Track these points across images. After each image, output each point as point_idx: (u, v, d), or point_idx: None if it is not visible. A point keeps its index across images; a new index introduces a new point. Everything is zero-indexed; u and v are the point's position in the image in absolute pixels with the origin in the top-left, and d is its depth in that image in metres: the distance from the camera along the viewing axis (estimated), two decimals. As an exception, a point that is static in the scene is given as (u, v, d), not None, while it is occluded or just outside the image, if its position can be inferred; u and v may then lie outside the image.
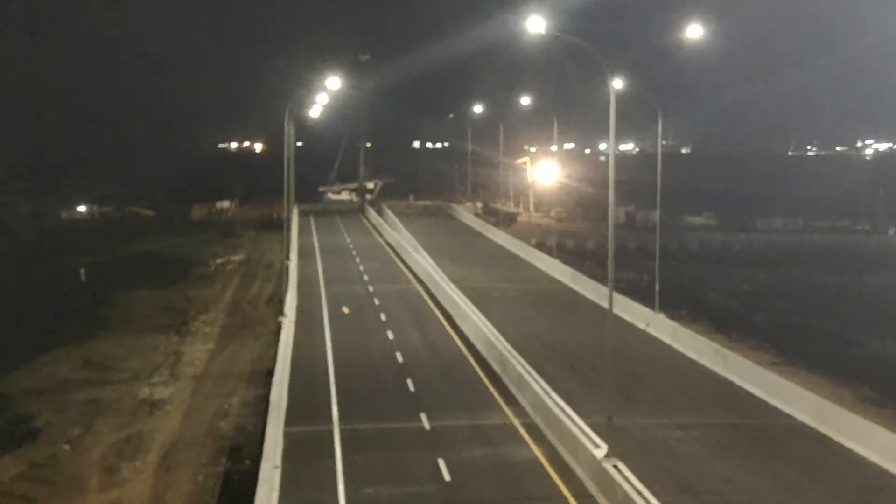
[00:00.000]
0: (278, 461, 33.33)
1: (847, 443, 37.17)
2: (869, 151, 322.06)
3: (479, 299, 66.22)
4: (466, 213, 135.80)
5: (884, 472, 34.13)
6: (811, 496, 32.20)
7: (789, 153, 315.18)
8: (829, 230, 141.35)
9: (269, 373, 45.97)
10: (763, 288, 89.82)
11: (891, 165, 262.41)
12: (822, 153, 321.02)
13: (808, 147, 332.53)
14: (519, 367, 45.93)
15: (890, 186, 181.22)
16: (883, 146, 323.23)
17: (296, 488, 31.73)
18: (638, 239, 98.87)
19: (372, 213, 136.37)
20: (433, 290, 72.74)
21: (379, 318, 63.78)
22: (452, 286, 70.34)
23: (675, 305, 63.77)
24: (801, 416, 40.81)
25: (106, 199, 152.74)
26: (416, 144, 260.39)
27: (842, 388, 46.75)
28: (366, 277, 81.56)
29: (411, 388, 45.63)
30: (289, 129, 79.70)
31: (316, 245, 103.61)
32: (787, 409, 42.11)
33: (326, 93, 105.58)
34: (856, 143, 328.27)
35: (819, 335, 66.54)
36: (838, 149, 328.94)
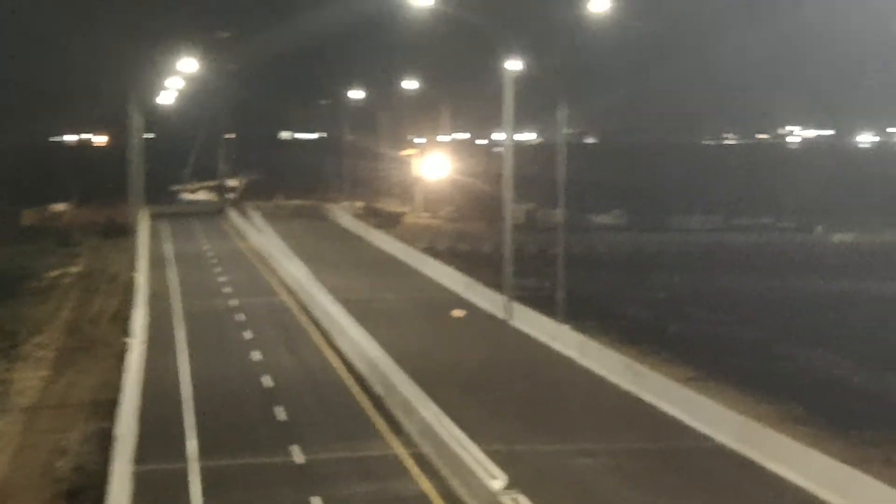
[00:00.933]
0: (125, 504, 32.61)
1: (773, 466, 37.41)
2: (794, 139, 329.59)
3: (361, 313, 65.45)
4: (345, 214, 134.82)
5: (815, 499, 34.57)
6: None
7: (704, 142, 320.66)
8: (751, 228, 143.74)
9: (115, 403, 44.75)
10: (679, 295, 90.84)
11: (818, 155, 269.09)
12: (742, 142, 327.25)
13: (725, 136, 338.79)
14: (406, 391, 45.43)
15: (818, 178, 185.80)
16: (810, 133, 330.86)
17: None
18: (539, 241, 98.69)
19: (234, 215, 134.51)
20: (307, 303, 72.03)
21: (242, 335, 63.06)
22: (329, 298, 69.55)
23: (583, 316, 63.81)
24: (722, 438, 41.12)
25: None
26: (286, 135, 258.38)
27: (767, 406, 47.56)
28: (228, 290, 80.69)
29: (281, 416, 45.01)
30: (135, 119, 78.64)
31: (169, 253, 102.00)
32: (706, 431, 42.38)
33: (180, 76, 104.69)
34: (778, 130, 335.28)
35: (742, 347, 67.68)
36: (759, 137, 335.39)
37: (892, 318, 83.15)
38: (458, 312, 60.71)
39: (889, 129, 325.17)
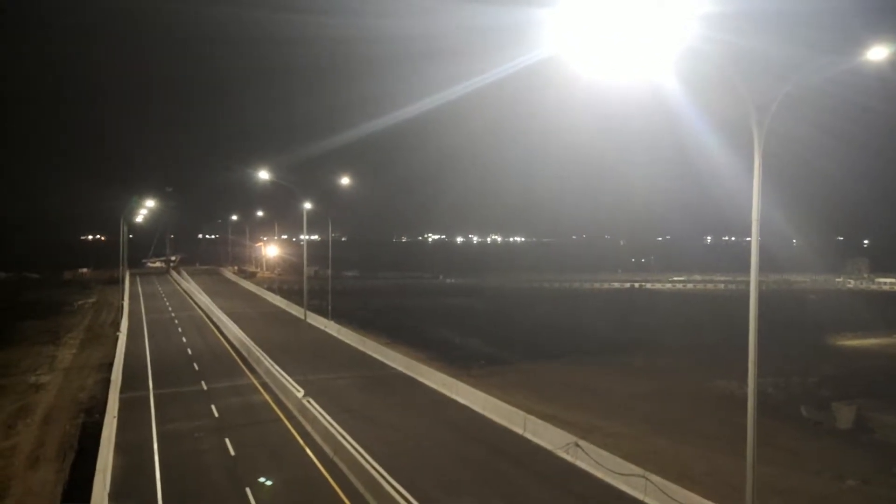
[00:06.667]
0: (115, 414, 30.45)
1: (421, 379, 38.96)
2: (430, 238, 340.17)
3: (235, 318, 62.85)
4: (229, 273, 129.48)
5: (438, 392, 35.96)
6: (405, 406, 33.29)
7: (393, 239, 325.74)
8: (414, 277, 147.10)
9: (111, 365, 41.91)
10: (384, 307, 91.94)
11: (442, 247, 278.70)
12: (409, 240, 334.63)
13: (403, 237, 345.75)
14: (257, 353, 44.39)
15: (443, 255, 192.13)
16: (438, 237, 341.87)
17: (126, 428, 29.18)
18: (320, 284, 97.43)
19: (174, 273, 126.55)
20: (209, 314, 68.60)
21: (178, 330, 59.28)
22: (220, 311, 66.61)
23: (339, 316, 63.50)
24: (400, 368, 42.28)
25: (3, 266, 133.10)
26: (200, 236, 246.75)
27: (420, 353, 48.94)
28: (170, 308, 75.56)
29: (196, 367, 42.85)
30: (124, 228, 74.95)
31: (140, 292, 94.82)
32: (393, 365, 43.43)
33: (146, 209, 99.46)
34: (424, 235, 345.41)
35: (410, 328, 69.23)
36: (419, 238, 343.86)
37: (473, 315, 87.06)
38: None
39: (469, 235, 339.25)
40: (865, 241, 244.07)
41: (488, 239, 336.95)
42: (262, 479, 23.17)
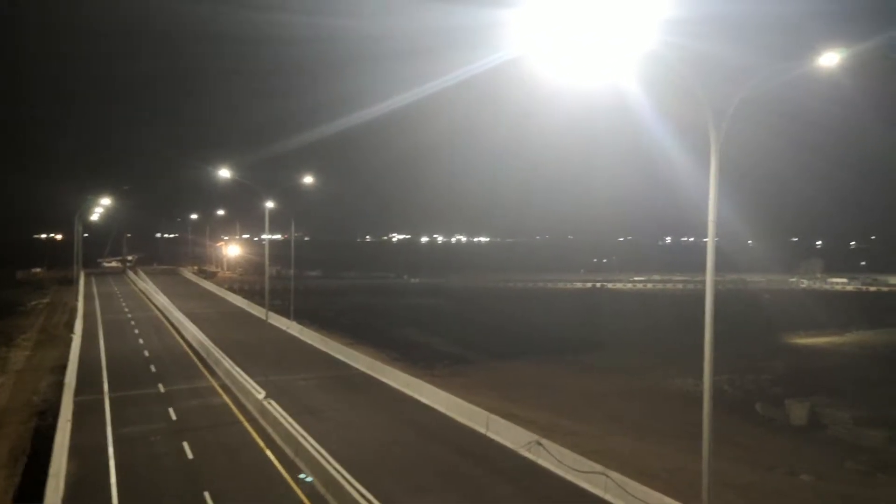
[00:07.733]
0: (69, 417, 29.59)
1: (384, 380, 38.83)
2: (395, 238, 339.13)
3: (194, 318, 61.74)
4: (188, 273, 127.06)
5: (401, 392, 35.84)
6: (367, 405, 33.25)
7: (357, 239, 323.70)
8: (379, 277, 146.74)
9: (65, 367, 40.71)
10: (347, 307, 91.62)
11: (407, 247, 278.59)
12: (373, 240, 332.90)
13: (367, 237, 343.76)
14: (216, 354, 43.63)
15: (407, 256, 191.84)
16: (403, 237, 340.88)
17: (80, 432, 28.41)
18: (283, 283, 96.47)
19: (131, 274, 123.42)
20: (167, 315, 67.14)
21: (134, 332, 57.87)
22: (179, 312, 65.32)
23: (302, 316, 63.09)
24: (363, 369, 42.07)
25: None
26: (158, 235, 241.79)
27: (382, 353, 49.02)
28: (126, 309, 73.77)
29: (153, 369, 41.94)
30: (78, 227, 72.91)
31: (95, 292, 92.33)
32: (356, 365, 43.19)
33: (102, 207, 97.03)
34: (388, 235, 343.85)
35: (374, 329, 69.20)
36: (384, 238, 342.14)
37: (438, 315, 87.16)
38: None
39: (436, 234, 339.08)
40: (818, 243, 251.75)
41: (453, 239, 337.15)
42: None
